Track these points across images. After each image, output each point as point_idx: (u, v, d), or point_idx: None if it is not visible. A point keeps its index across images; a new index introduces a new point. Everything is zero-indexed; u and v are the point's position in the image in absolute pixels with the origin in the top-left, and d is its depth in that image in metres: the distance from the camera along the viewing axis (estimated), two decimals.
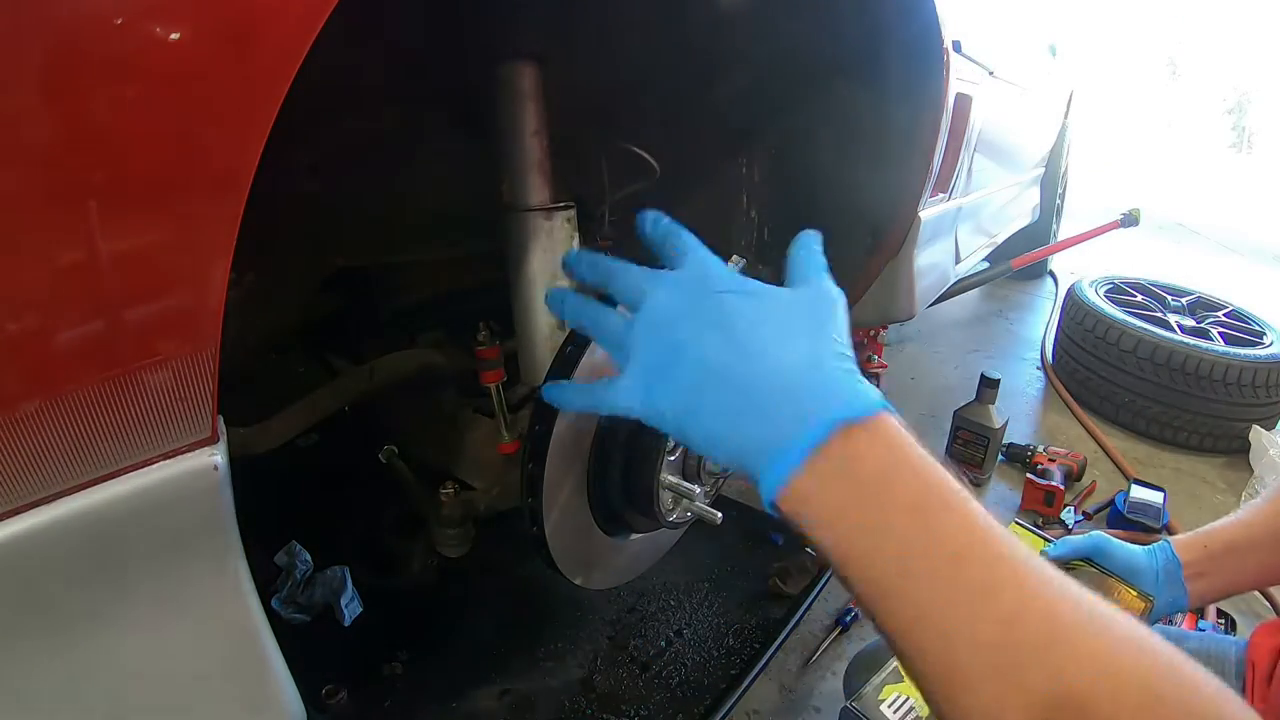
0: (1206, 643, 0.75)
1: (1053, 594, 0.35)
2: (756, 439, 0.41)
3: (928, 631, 0.36)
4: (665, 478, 0.81)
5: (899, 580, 0.37)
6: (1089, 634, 0.33)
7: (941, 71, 1.02)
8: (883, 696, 0.69)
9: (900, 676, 0.70)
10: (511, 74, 0.82)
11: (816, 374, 0.41)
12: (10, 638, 0.38)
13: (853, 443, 0.39)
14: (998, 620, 0.34)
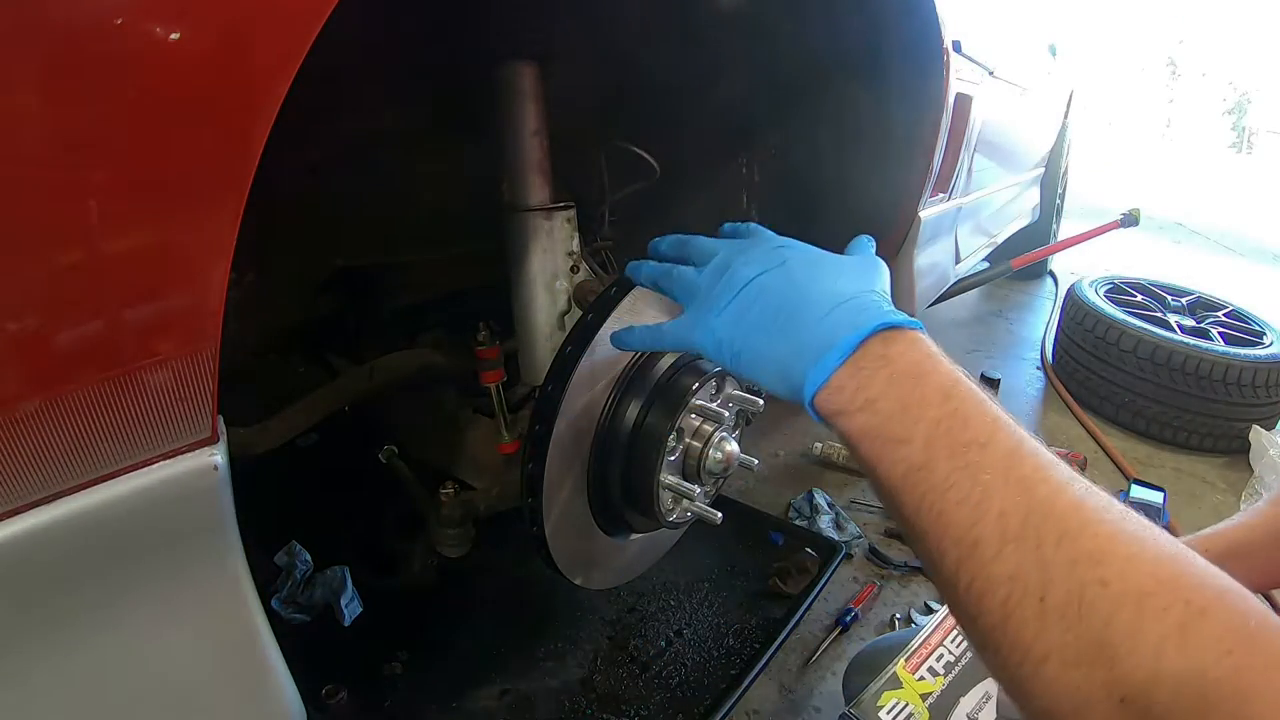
0: None
1: (1070, 475, 0.38)
2: (803, 347, 0.47)
3: (957, 509, 0.38)
4: (665, 478, 0.81)
5: (927, 459, 0.40)
6: (1106, 520, 0.36)
7: (942, 71, 1.02)
8: (881, 703, 0.69)
9: (899, 683, 0.70)
10: (511, 74, 0.82)
11: (859, 299, 0.48)
12: (10, 637, 0.38)
13: (890, 343, 0.45)
14: (1020, 492, 0.37)
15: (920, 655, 0.72)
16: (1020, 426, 0.41)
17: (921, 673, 0.70)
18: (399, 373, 0.97)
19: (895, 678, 0.71)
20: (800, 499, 1.66)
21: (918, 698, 0.68)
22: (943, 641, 0.73)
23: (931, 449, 0.40)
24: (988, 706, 0.66)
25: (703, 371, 0.83)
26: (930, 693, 0.69)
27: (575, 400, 0.76)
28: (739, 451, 0.86)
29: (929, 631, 0.74)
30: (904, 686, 0.69)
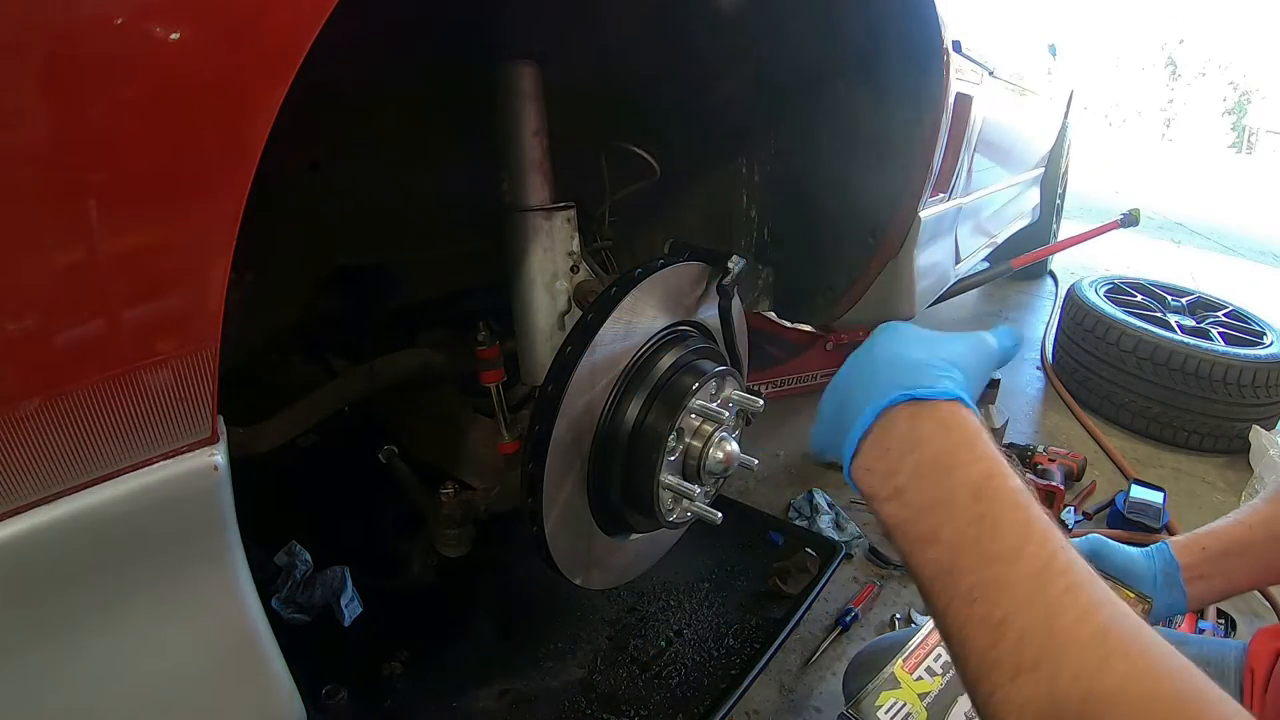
0: (1206, 648, 0.75)
1: (1101, 598, 0.36)
2: (844, 416, 0.46)
3: (979, 626, 0.37)
4: (665, 478, 0.81)
5: (953, 565, 0.39)
6: (1130, 653, 0.34)
7: (942, 71, 1.02)
8: (879, 703, 0.68)
9: (897, 683, 0.70)
10: (511, 74, 0.82)
11: (911, 369, 0.45)
12: (11, 637, 0.38)
13: (918, 421, 0.42)
14: (1042, 617, 0.36)
15: (918, 655, 0.72)
16: (1054, 528, 0.39)
17: (919, 673, 0.70)
18: (399, 373, 0.97)
19: (893, 678, 0.70)
20: (800, 499, 1.66)
21: (915, 697, 0.68)
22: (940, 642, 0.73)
23: (958, 555, 0.39)
24: None
25: (703, 371, 0.83)
26: (928, 692, 0.68)
27: (575, 400, 0.76)
28: (739, 451, 0.86)
29: (927, 632, 0.74)
30: (902, 686, 0.69)
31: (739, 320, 0.97)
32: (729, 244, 1.31)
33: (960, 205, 1.54)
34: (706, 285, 0.89)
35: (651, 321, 0.83)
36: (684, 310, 0.87)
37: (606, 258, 1.08)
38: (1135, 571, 0.77)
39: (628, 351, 0.81)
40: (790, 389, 2.14)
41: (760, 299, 1.36)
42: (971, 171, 1.52)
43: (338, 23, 0.40)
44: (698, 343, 0.88)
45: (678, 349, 0.85)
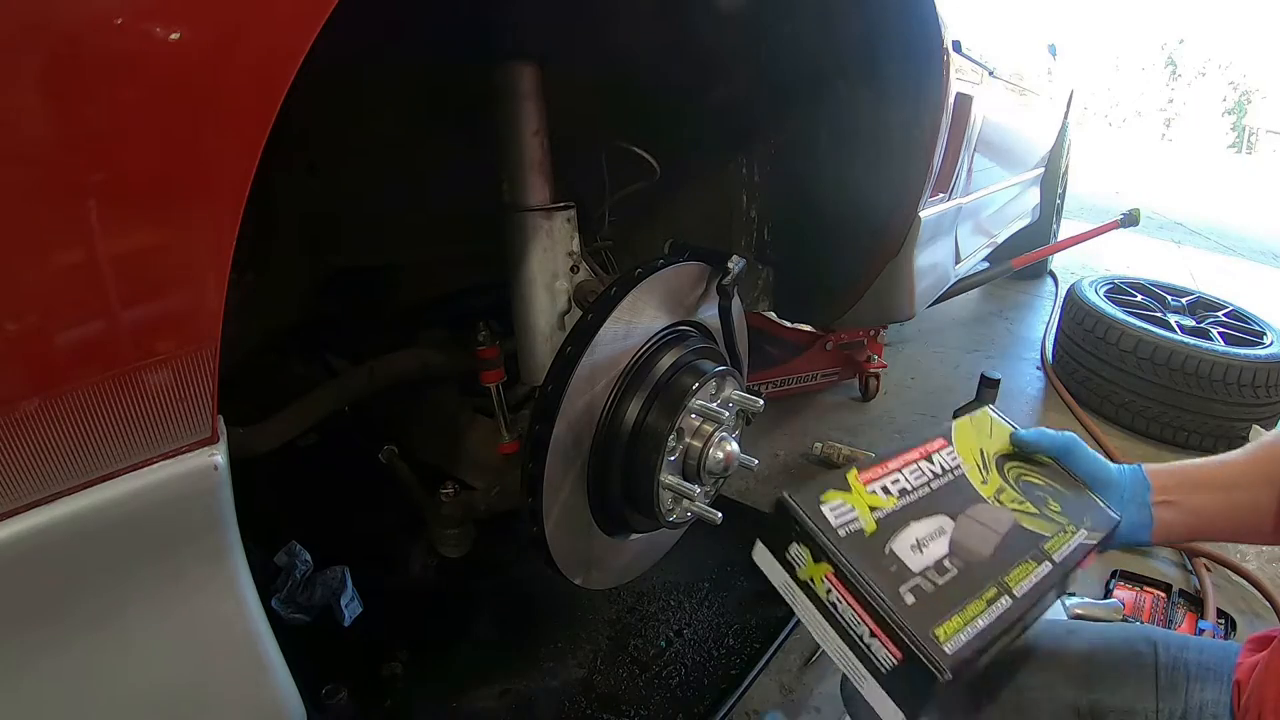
0: (1206, 651, 0.74)
1: None
2: None
3: None
4: (665, 478, 0.81)
5: None
6: None
7: (941, 71, 1.02)
8: (825, 498, 0.60)
9: (847, 487, 0.62)
10: (511, 74, 0.82)
11: None
12: (11, 637, 0.38)
13: None
14: None
15: (875, 473, 0.65)
16: None
17: (874, 487, 0.63)
18: (399, 373, 0.97)
19: (845, 480, 0.62)
20: None
21: (865, 507, 0.61)
22: (902, 470, 0.66)
23: None
24: (941, 540, 0.61)
25: (703, 371, 0.83)
26: (880, 507, 0.62)
27: (575, 400, 0.76)
28: (739, 451, 0.86)
29: (894, 457, 0.68)
30: (852, 491, 0.62)
31: (739, 320, 0.97)
32: (729, 244, 1.31)
33: (960, 205, 1.54)
34: (706, 285, 0.90)
35: (651, 321, 0.83)
36: (684, 310, 0.87)
37: (606, 258, 1.08)
38: (1104, 479, 0.73)
39: (628, 351, 0.81)
40: (790, 389, 2.14)
41: (760, 299, 1.36)
42: (971, 171, 1.52)
43: (337, 23, 0.40)
44: (698, 343, 0.88)
45: (678, 349, 0.85)
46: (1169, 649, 0.71)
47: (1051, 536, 0.66)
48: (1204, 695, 0.66)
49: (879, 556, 0.58)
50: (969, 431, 0.75)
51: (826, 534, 0.58)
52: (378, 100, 0.92)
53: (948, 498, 0.66)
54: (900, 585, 0.55)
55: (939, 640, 0.52)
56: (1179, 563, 1.63)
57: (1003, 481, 0.71)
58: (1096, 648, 0.73)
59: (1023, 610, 0.58)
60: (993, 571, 0.60)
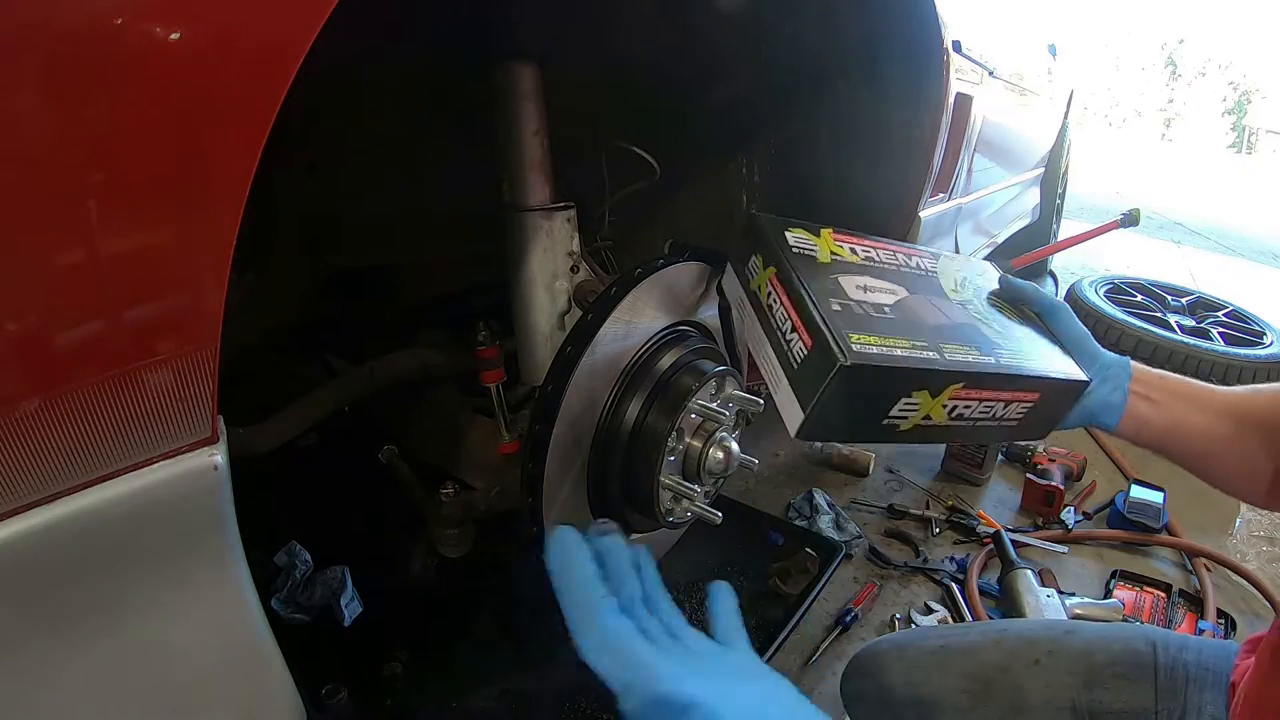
0: (1206, 651, 0.74)
1: None
2: None
3: None
4: (665, 478, 0.81)
5: None
6: None
7: (942, 71, 1.02)
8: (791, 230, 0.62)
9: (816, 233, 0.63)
10: (511, 74, 0.82)
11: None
12: (10, 638, 0.38)
13: None
14: None
15: (850, 237, 0.66)
16: None
17: (842, 244, 0.64)
18: (399, 373, 0.97)
19: (816, 229, 0.64)
20: (800, 499, 1.66)
21: (828, 250, 0.62)
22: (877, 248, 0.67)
23: None
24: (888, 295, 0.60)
25: (703, 371, 0.83)
26: (841, 256, 0.63)
27: (575, 400, 0.76)
28: (739, 451, 0.86)
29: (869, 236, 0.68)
30: (820, 238, 0.63)
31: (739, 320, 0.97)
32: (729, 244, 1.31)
33: (960, 205, 1.55)
34: (706, 285, 0.89)
35: (651, 321, 0.83)
36: (684, 310, 0.87)
37: (606, 258, 1.08)
38: (1088, 350, 0.70)
39: (628, 351, 0.81)
40: None
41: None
42: (971, 171, 1.52)
43: (337, 23, 0.40)
44: (698, 343, 0.88)
45: (678, 349, 0.85)
46: (1168, 649, 0.71)
47: (1007, 349, 0.63)
48: (1202, 696, 0.67)
49: (822, 277, 0.59)
50: (958, 263, 0.74)
51: (780, 245, 0.60)
52: (378, 100, 0.92)
53: (911, 280, 0.65)
54: (832, 297, 0.57)
55: (850, 340, 0.52)
56: (1179, 563, 1.63)
57: (974, 299, 0.69)
58: (1095, 648, 0.73)
59: (948, 370, 0.56)
60: (930, 335, 0.58)
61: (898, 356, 0.53)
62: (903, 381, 0.54)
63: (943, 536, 1.64)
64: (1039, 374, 0.62)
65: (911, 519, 1.68)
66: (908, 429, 0.59)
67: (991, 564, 1.52)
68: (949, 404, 0.58)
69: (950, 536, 1.64)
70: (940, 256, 0.72)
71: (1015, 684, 0.71)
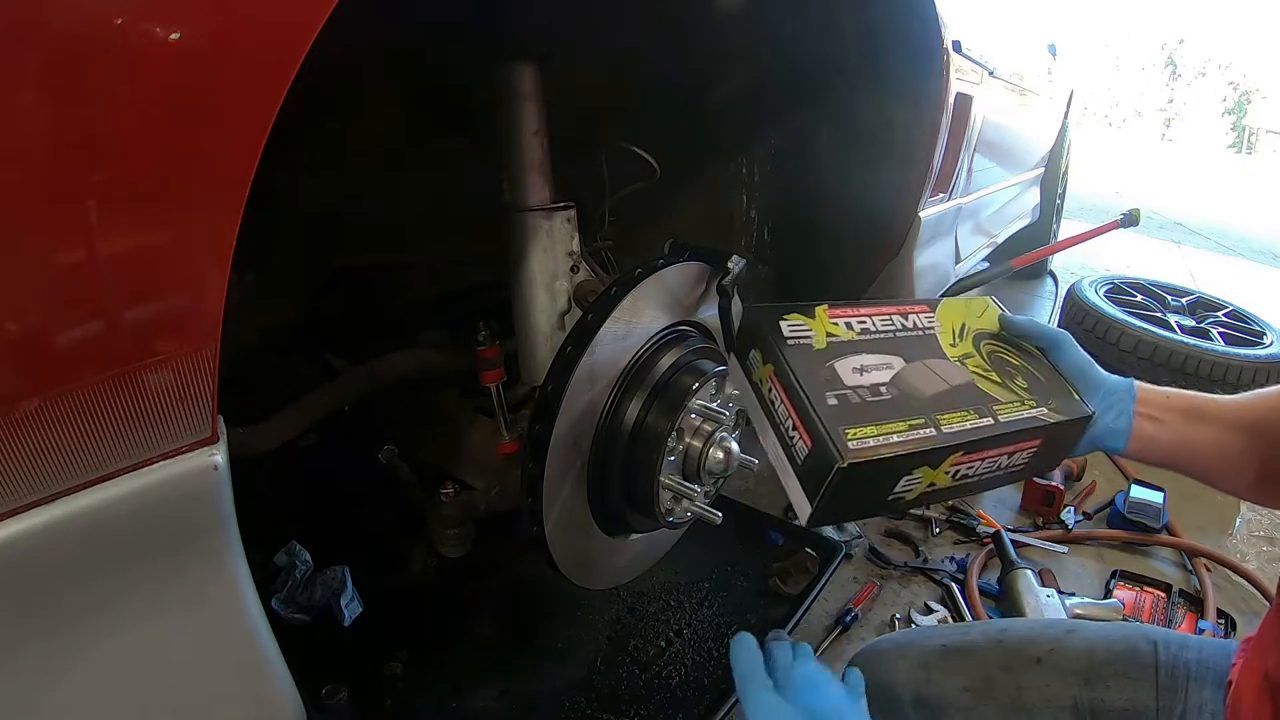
0: (1206, 650, 0.73)
1: None
2: None
3: None
4: (665, 478, 0.81)
5: None
6: None
7: (941, 71, 1.02)
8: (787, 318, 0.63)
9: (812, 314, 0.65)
10: (511, 74, 0.82)
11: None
12: (10, 638, 0.38)
13: None
14: None
15: (844, 311, 0.66)
16: None
17: (837, 321, 0.65)
18: (399, 373, 0.97)
19: (811, 310, 0.65)
20: None
21: (823, 332, 0.63)
22: (872, 316, 0.67)
23: None
24: (884, 372, 0.62)
25: (703, 371, 0.83)
26: (836, 335, 0.64)
27: (575, 400, 0.76)
28: (739, 451, 0.86)
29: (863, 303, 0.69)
30: (815, 319, 0.64)
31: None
32: (729, 244, 1.31)
33: (960, 205, 1.54)
34: (706, 285, 0.89)
35: (651, 321, 0.83)
36: (684, 310, 0.87)
37: (606, 258, 1.08)
38: (1091, 379, 0.70)
39: (628, 351, 0.81)
40: None
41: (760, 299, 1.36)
42: (971, 171, 1.52)
43: (337, 22, 0.40)
44: (698, 343, 0.88)
45: (678, 349, 0.85)
46: (1169, 648, 0.71)
47: (1006, 402, 0.64)
48: (1202, 695, 0.66)
49: (818, 367, 0.60)
50: (957, 308, 0.74)
51: (775, 339, 0.61)
52: (378, 100, 0.92)
53: (908, 346, 0.66)
54: (828, 390, 0.58)
55: (846, 436, 0.55)
56: (1179, 563, 1.63)
57: (973, 350, 0.70)
58: (1096, 646, 0.73)
59: (945, 445, 0.58)
60: (927, 408, 0.60)
61: (894, 444, 0.56)
62: (903, 465, 0.57)
63: (943, 536, 1.64)
64: (1039, 423, 0.64)
65: (911, 519, 1.68)
66: (914, 498, 0.62)
67: (991, 564, 1.52)
68: (951, 470, 0.61)
69: (950, 536, 1.64)
70: (939, 305, 0.73)
71: (1017, 683, 0.71)
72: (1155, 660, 0.70)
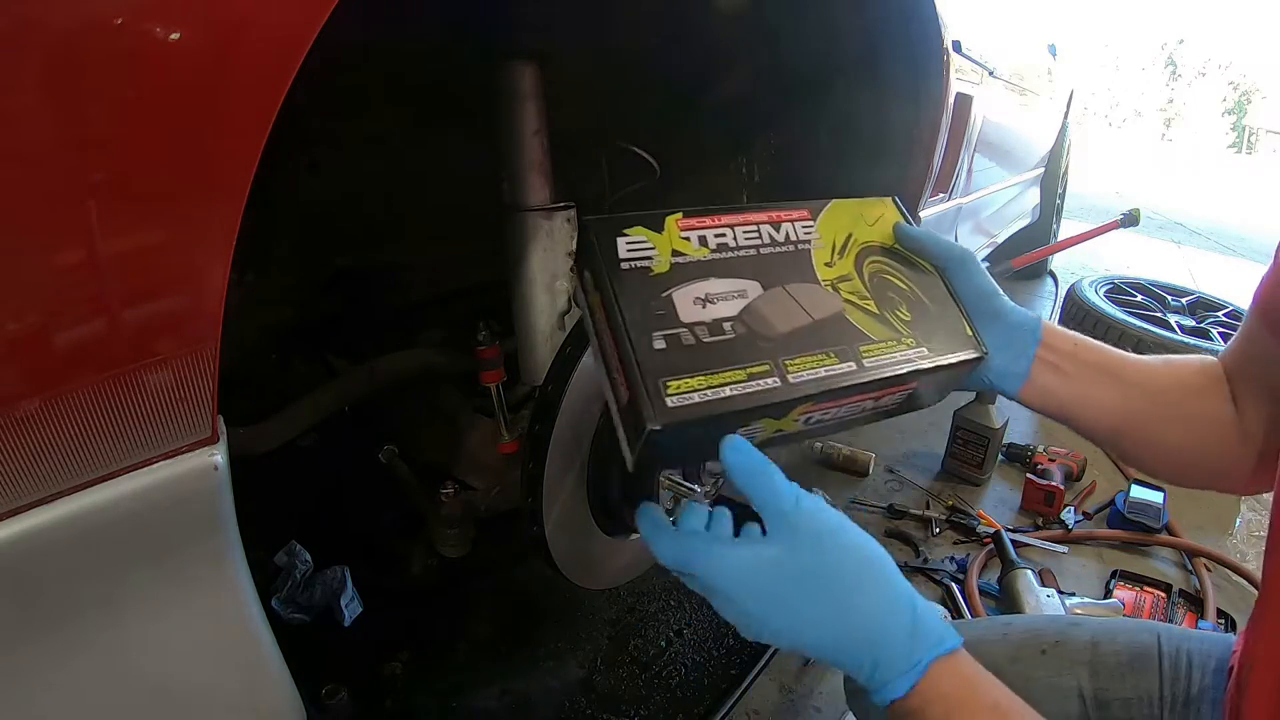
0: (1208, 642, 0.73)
1: None
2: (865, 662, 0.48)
3: None
4: (665, 477, 0.81)
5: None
6: None
7: (941, 71, 1.02)
8: (628, 231, 0.53)
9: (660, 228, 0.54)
10: (512, 74, 0.82)
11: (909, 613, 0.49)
12: (11, 637, 0.38)
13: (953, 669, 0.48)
14: None
15: (701, 221, 0.56)
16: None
17: (690, 235, 0.55)
18: (399, 373, 0.97)
19: (661, 221, 0.55)
20: None
21: (668, 251, 0.54)
22: (735, 226, 0.57)
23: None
24: (734, 303, 0.53)
25: None
26: (685, 254, 0.54)
27: (575, 400, 0.76)
28: None
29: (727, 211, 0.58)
30: (663, 233, 0.54)
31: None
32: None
33: (960, 205, 1.55)
34: None
35: None
36: None
37: None
38: (991, 309, 0.62)
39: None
40: None
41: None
42: (971, 171, 1.52)
43: (338, 22, 0.40)
44: None
45: None
46: (1172, 639, 0.71)
47: (877, 341, 0.56)
48: (1205, 681, 0.67)
49: (652, 298, 0.51)
50: (847, 213, 0.64)
51: (607, 263, 0.52)
52: (379, 100, 0.92)
53: (772, 267, 0.57)
54: (656, 330, 0.50)
55: (666, 391, 0.47)
56: (1179, 563, 1.63)
57: (853, 271, 0.60)
58: (1101, 638, 0.73)
59: (790, 398, 0.51)
60: (777, 350, 0.52)
61: (723, 399, 0.49)
62: (734, 421, 0.51)
63: (943, 536, 1.64)
64: (914, 368, 0.56)
65: (911, 519, 1.68)
66: (761, 442, 0.55)
67: (991, 564, 1.52)
68: (802, 417, 0.54)
69: (950, 536, 1.64)
70: (825, 209, 0.62)
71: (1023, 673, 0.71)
72: (1159, 650, 0.70)
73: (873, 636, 0.48)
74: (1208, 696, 0.65)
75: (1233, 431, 0.63)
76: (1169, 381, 0.64)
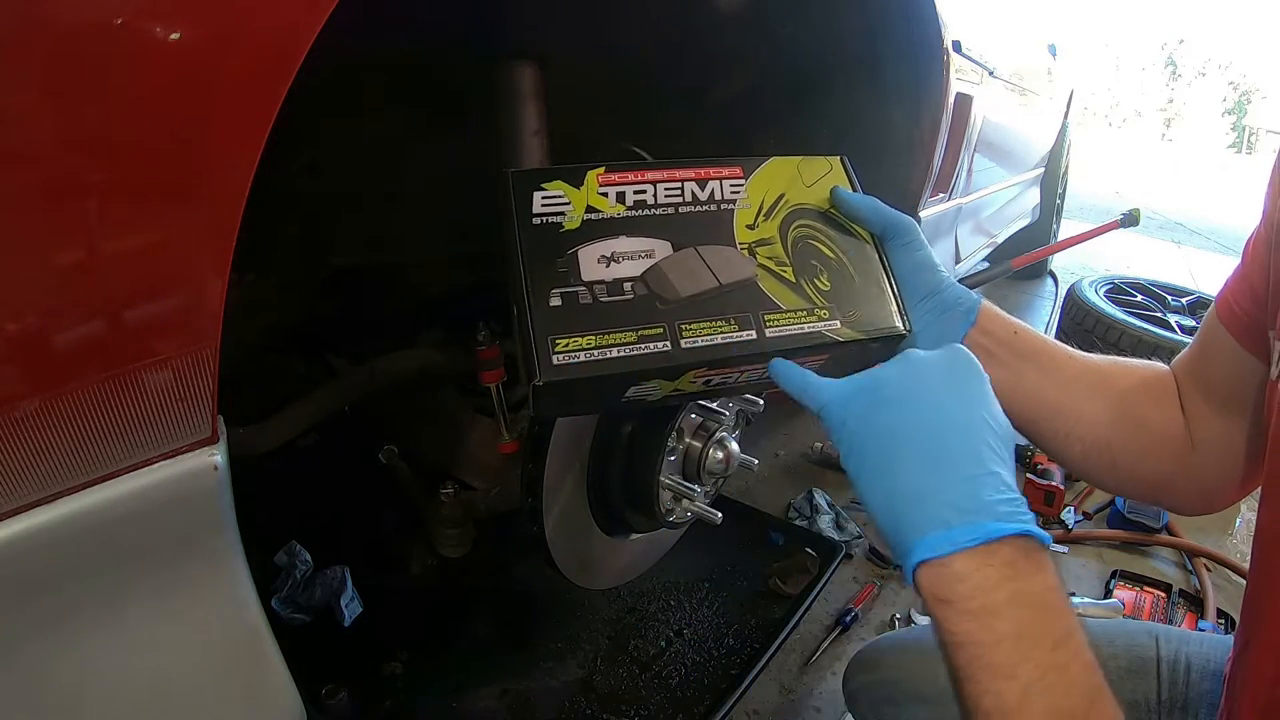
0: (1206, 646, 0.73)
1: None
2: (930, 503, 0.42)
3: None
4: (665, 478, 0.81)
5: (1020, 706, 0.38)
6: None
7: (942, 71, 1.02)
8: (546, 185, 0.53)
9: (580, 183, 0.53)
10: (512, 74, 0.82)
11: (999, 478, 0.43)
12: (11, 637, 0.38)
13: (1024, 554, 0.41)
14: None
15: (623, 177, 0.55)
16: (1112, 698, 0.39)
17: (608, 191, 0.54)
18: (399, 373, 0.97)
19: (581, 176, 0.54)
20: (800, 499, 1.66)
21: (583, 207, 0.53)
22: (657, 183, 0.56)
23: (1027, 700, 0.38)
24: (639, 263, 0.53)
25: None
26: (600, 211, 0.54)
27: None
28: (739, 451, 0.86)
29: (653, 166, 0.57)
30: (582, 188, 0.54)
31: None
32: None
33: (960, 205, 1.55)
34: None
35: None
36: None
37: None
38: (926, 285, 0.59)
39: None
40: None
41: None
42: (971, 171, 1.52)
43: (338, 22, 0.40)
44: None
45: None
46: (1170, 642, 0.71)
47: (787, 310, 0.54)
48: (1203, 686, 0.67)
49: (557, 254, 0.51)
50: (783, 173, 0.62)
51: (518, 216, 0.52)
52: (378, 100, 0.92)
53: (689, 227, 0.55)
54: (556, 287, 0.50)
55: (554, 348, 0.48)
56: (1179, 563, 1.63)
57: (777, 235, 0.58)
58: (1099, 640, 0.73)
59: (680, 363, 0.51)
60: (673, 314, 0.52)
61: (610, 360, 0.49)
62: (620, 382, 0.51)
63: None
64: (821, 341, 0.54)
65: None
66: (658, 400, 0.55)
67: None
68: (698, 380, 0.54)
69: None
70: (760, 168, 0.61)
71: None
72: (1157, 654, 0.70)
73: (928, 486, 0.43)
74: (1205, 701, 0.65)
75: (1178, 440, 0.60)
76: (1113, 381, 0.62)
